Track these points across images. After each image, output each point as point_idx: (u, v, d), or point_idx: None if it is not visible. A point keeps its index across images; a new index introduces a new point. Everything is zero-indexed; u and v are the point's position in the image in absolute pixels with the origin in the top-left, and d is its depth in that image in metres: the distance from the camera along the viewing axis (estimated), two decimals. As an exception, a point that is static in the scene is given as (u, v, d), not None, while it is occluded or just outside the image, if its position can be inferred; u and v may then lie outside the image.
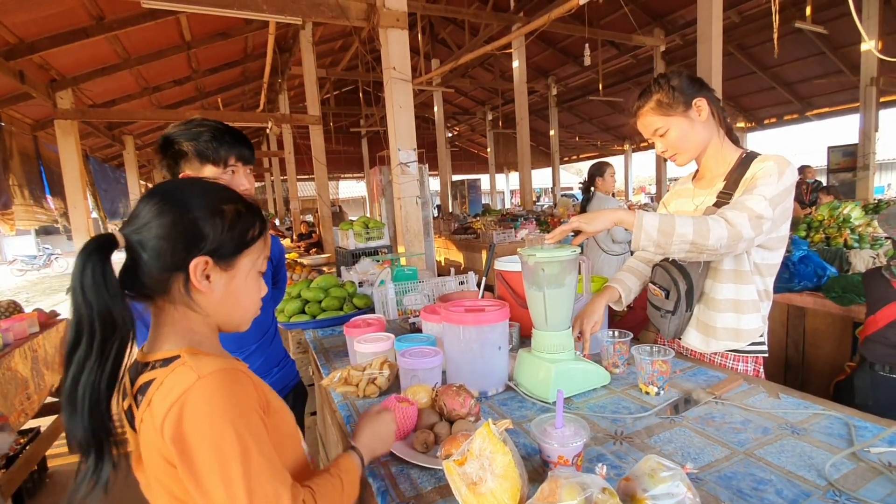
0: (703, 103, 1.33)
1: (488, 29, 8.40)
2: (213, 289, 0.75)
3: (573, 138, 17.83)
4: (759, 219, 1.17)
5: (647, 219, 1.15)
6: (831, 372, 2.35)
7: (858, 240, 2.83)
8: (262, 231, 0.82)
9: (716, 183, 1.37)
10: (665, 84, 1.32)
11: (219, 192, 0.79)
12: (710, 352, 1.41)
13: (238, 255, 0.77)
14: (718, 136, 1.38)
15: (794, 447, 0.94)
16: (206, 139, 1.33)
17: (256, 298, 0.83)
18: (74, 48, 5.50)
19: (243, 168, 1.41)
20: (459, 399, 1.03)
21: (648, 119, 1.36)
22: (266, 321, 1.57)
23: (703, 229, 1.15)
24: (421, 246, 3.79)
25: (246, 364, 0.78)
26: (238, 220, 0.77)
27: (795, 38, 8.74)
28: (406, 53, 3.69)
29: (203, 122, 1.37)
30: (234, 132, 1.39)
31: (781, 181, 1.20)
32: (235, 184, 1.35)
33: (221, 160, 1.35)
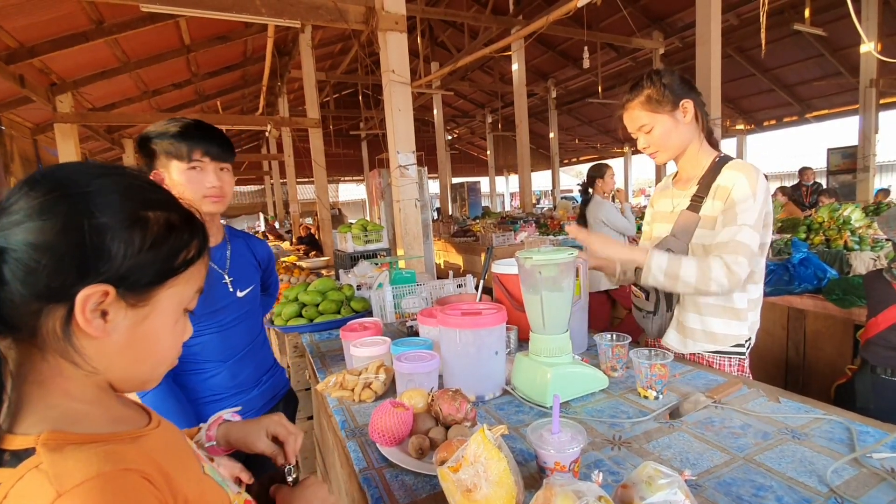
0: (690, 105, 1.36)
1: (487, 32, 8.41)
2: (110, 332, 0.51)
3: (573, 141, 17.85)
4: (753, 254, 1.25)
5: (656, 261, 1.25)
6: (832, 375, 2.33)
7: (859, 242, 2.82)
8: (200, 253, 0.58)
9: (691, 185, 1.41)
10: (657, 80, 1.35)
11: (143, 189, 0.55)
12: (687, 352, 1.45)
13: (158, 285, 0.54)
14: (699, 139, 1.42)
15: (795, 452, 0.92)
16: (173, 133, 1.26)
17: (178, 346, 0.60)
18: (74, 52, 5.51)
19: (213, 164, 1.30)
20: (455, 404, 1.02)
21: (636, 113, 1.39)
22: (255, 328, 1.51)
23: (705, 276, 1.23)
24: (420, 249, 3.78)
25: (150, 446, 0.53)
26: (166, 236, 0.54)
27: (794, 41, 8.75)
28: (405, 56, 3.69)
29: (179, 119, 1.30)
30: (204, 127, 1.30)
31: (757, 200, 1.26)
32: (202, 181, 1.27)
33: (185, 155, 1.26)
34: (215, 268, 1.38)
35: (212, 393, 1.34)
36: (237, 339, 1.41)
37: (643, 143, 1.41)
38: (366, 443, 1.04)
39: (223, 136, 1.33)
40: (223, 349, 1.37)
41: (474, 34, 9.03)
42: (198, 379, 1.33)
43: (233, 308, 1.39)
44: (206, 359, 1.34)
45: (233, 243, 1.46)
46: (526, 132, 9.30)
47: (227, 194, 1.35)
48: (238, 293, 1.41)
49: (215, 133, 1.31)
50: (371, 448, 1.01)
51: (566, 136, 17.21)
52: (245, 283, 1.44)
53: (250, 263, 1.49)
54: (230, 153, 1.34)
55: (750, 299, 1.37)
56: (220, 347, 1.36)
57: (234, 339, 1.40)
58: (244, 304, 1.43)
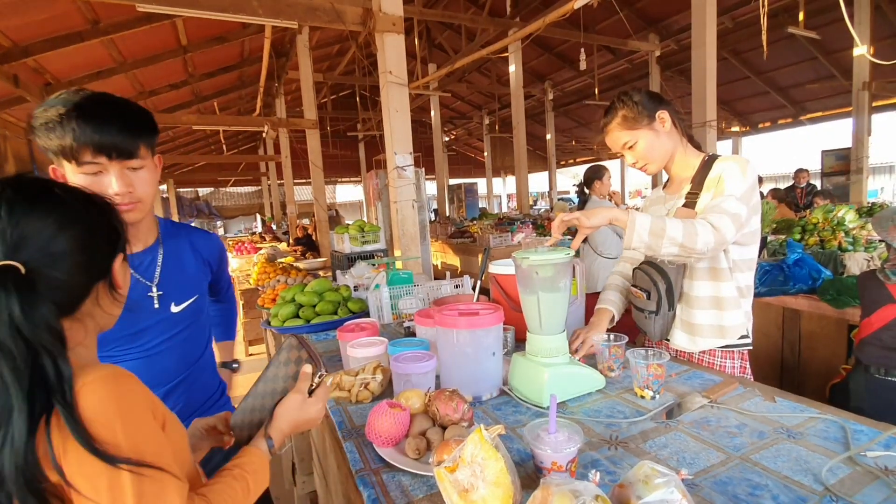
0: (666, 115, 1.41)
1: (485, 34, 8.43)
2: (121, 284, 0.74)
3: (570, 142, 17.89)
4: (738, 217, 1.25)
5: (640, 220, 1.20)
6: (827, 374, 2.35)
7: (853, 242, 2.84)
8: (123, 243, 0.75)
9: (684, 187, 1.45)
10: (628, 100, 1.40)
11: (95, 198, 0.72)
12: (697, 350, 1.45)
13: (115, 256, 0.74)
14: (682, 144, 1.46)
15: (790, 451, 0.93)
16: (47, 123, 0.92)
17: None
18: (69, 52, 5.49)
19: (115, 165, 0.97)
20: (452, 404, 1.02)
21: (616, 134, 1.43)
22: (196, 349, 1.24)
23: (691, 233, 1.20)
24: (417, 250, 3.78)
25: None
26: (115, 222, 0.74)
27: (788, 44, 8.80)
28: (402, 58, 3.70)
29: (59, 96, 0.95)
30: (91, 109, 0.93)
31: (746, 179, 1.29)
32: (103, 187, 0.97)
33: (71, 154, 0.93)
34: (139, 278, 1.12)
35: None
36: (168, 364, 1.15)
37: (631, 159, 1.46)
38: (363, 444, 1.04)
39: (129, 116, 0.99)
40: (149, 377, 1.09)
41: (471, 36, 9.04)
42: None
43: (161, 328, 1.14)
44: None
45: (167, 245, 1.19)
46: (523, 134, 9.32)
47: (146, 197, 1.04)
48: (172, 308, 1.16)
49: (113, 116, 0.96)
50: (368, 449, 1.01)
51: (563, 137, 17.25)
52: (182, 294, 1.18)
53: (193, 267, 1.23)
54: (142, 140, 1.00)
55: (742, 287, 1.39)
56: (145, 376, 0.99)
57: (163, 363, 1.14)
58: (179, 323, 1.17)
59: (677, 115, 1.44)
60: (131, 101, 1.04)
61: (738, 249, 1.37)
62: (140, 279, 1.13)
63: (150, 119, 1.05)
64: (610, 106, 1.44)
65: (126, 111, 1.00)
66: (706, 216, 1.25)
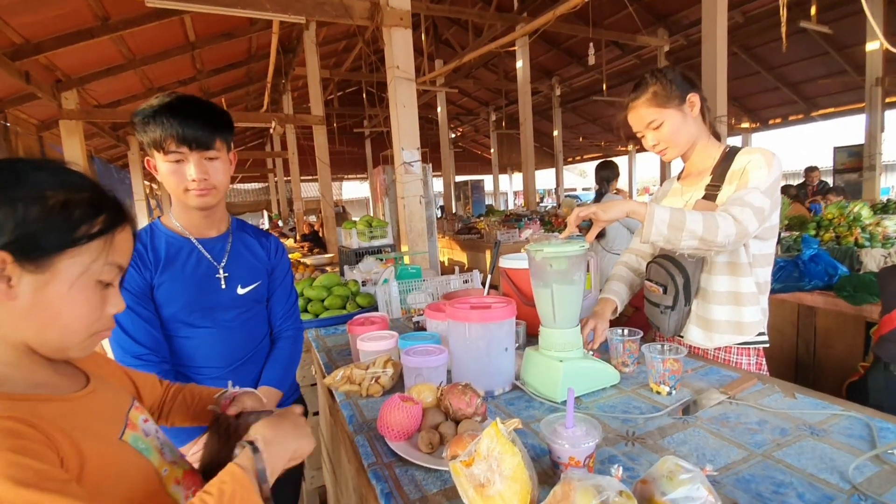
0: (696, 98, 1.36)
1: (492, 29, 8.38)
2: (14, 296, 0.58)
3: (577, 139, 17.78)
4: (761, 211, 1.21)
5: (659, 212, 1.16)
6: (843, 372, 2.30)
7: (869, 238, 2.79)
8: (106, 229, 0.64)
9: (703, 178, 1.39)
10: (662, 77, 1.35)
11: (51, 173, 0.62)
12: (713, 347, 1.41)
13: (55, 254, 0.60)
14: (706, 134, 1.41)
15: (815, 449, 0.90)
16: (143, 118, 1.10)
17: (90, 315, 0.64)
18: (80, 49, 5.51)
19: (195, 154, 1.13)
20: (465, 398, 1.00)
21: (642, 111, 1.37)
22: (259, 333, 1.36)
23: (712, 225, 1.16)
24: (425, 245, 3.76)
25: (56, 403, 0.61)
26: (63, 210, 0.60)
27: (800, 39, 8.67)
28: (410, 52, 3.67)
29: (160, 96, 1.13)
30: (179, 108, 1.11)
31: (771, 172, 1.25)
32: (182, 174, 1.14)
33: (160, 144, 1.11)
34: (210, 260, 1.27)
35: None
36: (237, 339, 1.30)
37: (652, 140, 1.39)
38: (374, 437, 1.02)
39: (209, 114, 1.15)
40: (222, 351, 1.27)
41: (479, 32, 9.00)
42: (199, 378, 1.26)
43: (231, 305, 1.28)
44: (204, 362, 1.26)
45: (236, 236, 1.34)
46: (530, 130, 9.25)
47: (219, 185, 1.20)
48: (239, 290, 1.29)
49: (195, 114, 1.13)
50: (380, 443, 1.00)
51: (570, 134, 17.14)
52: (247, 280, 1.31)
53: (256, 257, 1.36)
54: (218, 135, 1.16)
55: (761, 282, 1.35)
56: (219, 349, 1.26)
57: (234, 338, 1.29)
58: (246, 303, 1.31)
59: (705, 103, 1.39)
60: (213, 102, 1.21)
61: (758, 244, 1.33)
62: (212, 261, 1.27)
63: (228, 118, 1.21)
64: (640, 81, 1.37)
65: (206, 109, 1.16)
66: (728, 208, 1.20)
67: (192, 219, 1.26)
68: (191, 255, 1.24)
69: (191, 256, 1.24)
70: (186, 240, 1.25)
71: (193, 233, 1.26)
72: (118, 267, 0.67)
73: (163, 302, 1.20)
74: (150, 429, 0.77)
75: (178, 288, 1.20)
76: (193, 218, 1.25)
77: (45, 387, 0.63)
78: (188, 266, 1.23)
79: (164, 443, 0.79)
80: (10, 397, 0.58)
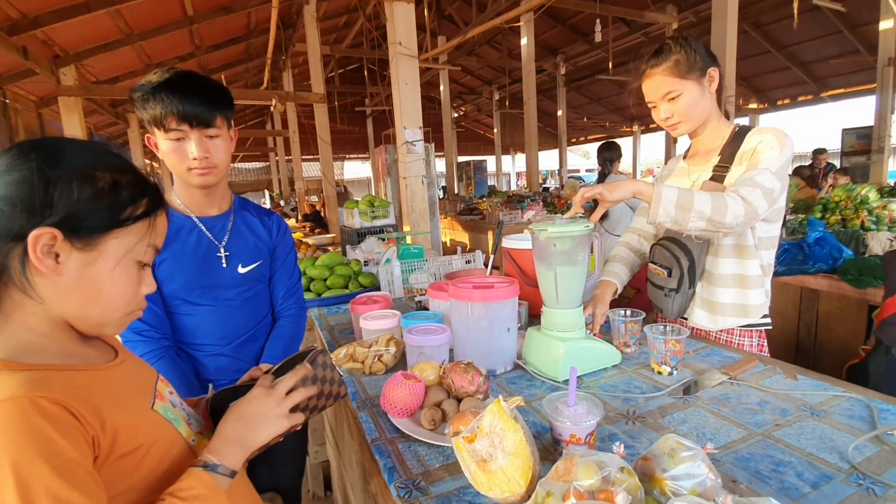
0: (716, 74, 1.32)
1: (496, 4, 8.19)
2: (61, 272, 0.60)
3: (581, 119, 17.58)
4: (770, 193, 1.18)
5: (666, 193, 1.14)
6: (844, 355, 2.31)
7: (876, 221, 2.77)
8: (150, 212, 0.67)
9: (711, 158, 1.36)
10: (686, 45, 1.29)
11: (98, 154, 0.64)
12: (717, 329, 1.40)
13: (103, 233, 0.62)
14: (718, 112, 1.38)
15: (814, 429, 0.91)
16: (142, 95, 1.08)
17: (129, 294, 0.67)
18: (77, 23, 5.43)
19: (195, 132, 1.11)
20: (468, 377, 1.00)
21: (660, 79, 1.30)
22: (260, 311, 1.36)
23: (720, 206, 1.14)
24: (426, 226, 3.75)
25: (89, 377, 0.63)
26: (112, 191, 0.62)
27: (812, 17, 8.49)
28: (412, 28, 3.60)
29: (159, 72, 1.11)
30: (179, 84, 1.09)
31: (783, 153, 1.22)
32: (184, 152, 1.13)
33: (160, 122, 1.09)
34: (211, 238, 1.26)
35: (217, 374, 1.28)
36: (238, 318, 1.30)
37: (665, 112, 1.33)
38: (377, 413, 1.03)
39: (209, 91, 1.13)
40: (223, 329, 1.27)
41: (482, 7, 8.80)
42: (200, 355, 1.28)
43: (232, 284, 1.28)
44: (205, 339, 1.27)
45: (238, 215, 1.33)
46: (534, 110, 9.14)
47: (220, 163, 1.19)
48: (240, 269, 1.29)
49: (195, 90, 1.10)
50: (383, 419, 1.01)
51: (574, 114, 16.94)
52: (248, 259, 1.31)
53: (258, 237, 1.35)
54: (219, 112, 1.14)
55: (766, 265, 1.34)
56: (220, 327, 1.27)
57: (234, 317, 1.29)
58: (247, 282, 1.31)
59: (722, 79, 1.35)
60: (212, 78, 1.18)
61: (764, 226, 1.32)
62: (212, 240, 1.27)
63: (228, 94, 1.19)
64: (660, 47, 1.31)
65: (207, 86, 1.14)
66: (737, 189, 1.18)
67: (193, 197, 1.25)
68: (191, 233, 1.24)
69: (191, 234, 1.23)
70: (188, 218, 1.24)
71: (195, 211, 1.25)
72: (155, 248, 0.70)
73: (163, 279, 1.20)
74: (175, 400, 0.79)
75: (178, 266, 1.20)
76: (195, 196, 1.25)
77: (77, 356, 0.65)
78: (188, 244, 1.22)
79: (189, 414, 0.81)
80: (46, 368, 0.59)
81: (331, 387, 0.87)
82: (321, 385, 0.85)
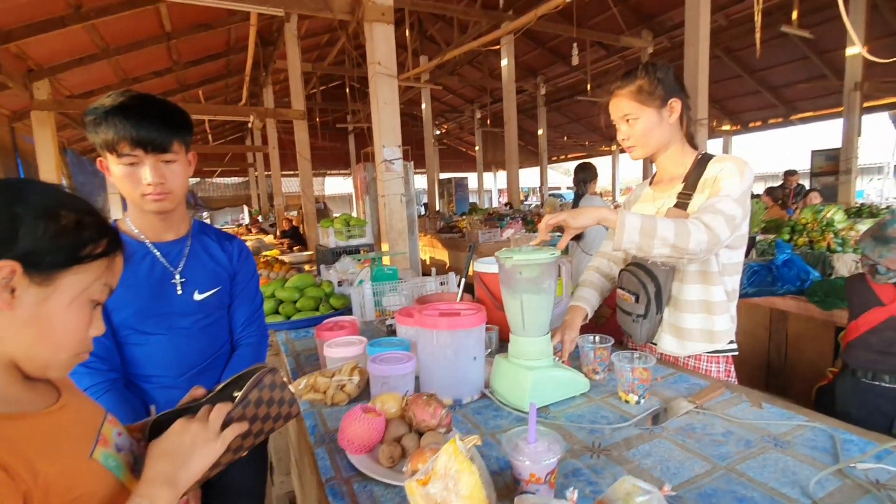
0: (678, 105, 1.34)
1: (477, 26, 8.34)
2: (15, 306, 0.60)
3: (561, 138, 17.87)
4: (732, 220, 1.20)
5: (630, 219, 1.14)
6: (813, 376, 2.34)
7: (842, 244, 2.84)
8: (108, 252, 0.67)
9: (675, 185, 1.38)
10: (652, 73, 1.32)
11: (63, 196, 0.66)
12: (685, 355, 1.40)
13: (62, 269, 0.62)
14: (680, 140, 1.40)
15: (777, 462, 0.90)
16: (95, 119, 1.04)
17: (79, 333, 0.66)
18: (52, 37, 5.34)
19: (150, 158, 1.07)
20: (430, 409, 0.97)
21: (623, 102, 1.35)
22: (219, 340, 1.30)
23: (684, 233, 1.15)
24: (405, 244, 3.73)
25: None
26: (75, 230, 0.64)
27: (781, 43, 8.82)
28: (392, 49, 3.62)
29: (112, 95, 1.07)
30: (134, 108, 1.04)
31: (744, 181, 1.25)
32: (138, 178, 1.08)
33: (113, 146, 1.05)
34: (165, 264, 1.21)
35: (169, 408, 1.21)
36: (194, 347, 1.24)
37: (623, 133, 1.38)
38: (335, 449, 0.99)
39: (166, 115, 1.10)
40: (176, 359, 1.21)
41: (464, 28, 8.95)
42: (150, 387, 1.20)
43: (187, 311, 1.23)
44: (156, 370, 1.20)
45: (196, 239, 1.28)
46: (514, 128, 9.27)
47: (176, 189, 1.14)
48: (196, 295, 1.24)
49: (151, 114, 1.07)
50: (340, 456, 0.96)
51: (554, 133, 17.22)
52: (205, 285, 1.25)
53: (215, 264, 1.29)
54: (176, 137, 1.11)
55: (730, 290, 1.35)
56: (173, 357, 1.20)
57: (190, 346, 1.23)
58: (204, 309, 1.25)
59: (688, 111, 1.37)
60: (170, 101, 1.15)
61: (727, 253, 1.33)
62: (167, 266, 1.22)
63: (186, 118, 1.16)
64: (630, 71, 1.35)
65: (163, 110, 1.11)
66: (700, 216, 1.19)
67: (148, 222, 1.20)
68: (144, 258, 1.19)
69: (144, 260, 1.18)
70: (141, 244, 1.19)
71: (149, 236, 1.20)
72: (110, 288, 0.70)
73: (112, 308, 1.14)
74: (123, 443, 0.75)
75: (129, 293, 1.14)
76: (150, 221, 1.20)
77: (15, 403, 0.63)
78: (141, 270, 1.17)
79: (138, 457, 0.76)
80: None
81: (279, 408, 0.83)
82: (268, 407, 0.81)
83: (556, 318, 1.36)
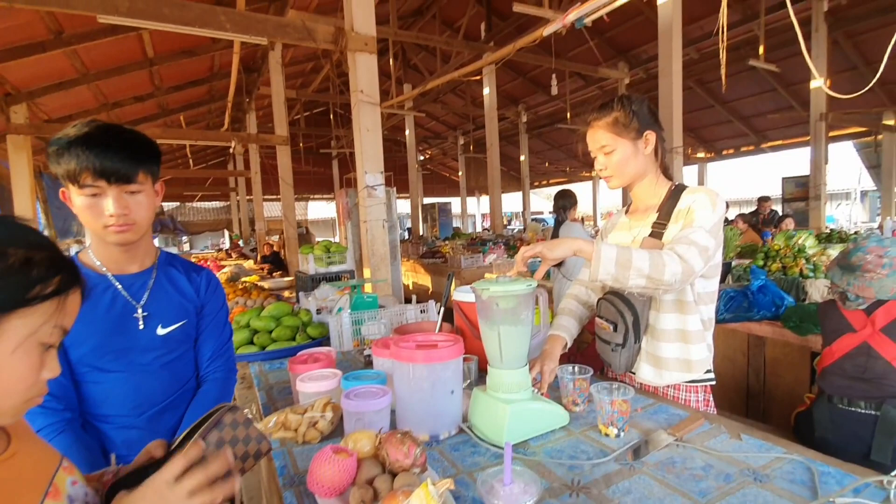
0: (653, 137, 1.37)
1: (459, 57, 8.53)
2: None
3: (543, 164, 18.18)
4: (705, 250, 1.22)
5: (605, 251, 1.14)
6: (791, 401, 2.35)
7: (813, 269, 2.90)
8: (60, 290, 0.62)
9: (650, 214, 1.41)
10: (627, 106, 1.35)
11: (12, 230, 0.61)
12: (663, 384, 1.40)
13: (6, 313, 0.57)
14: (655, 171, 1.42)
15: (757, 497, 0.89)
16: (57, 150, 1.02)
17: (29, 379, 0.60)
18: (31, 62, 5.30)
19: (113, 189, 1.05)
20: (403, 448, 0.94)
21: (600, 133, 1.38)
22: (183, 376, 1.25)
23: (658, 264, 1.16)
24: (387, 270, 3.70)
25: None
26: (22, 269, 0.57)
27: (750, 75, 9.20)
28: (374, 78, 3.67)
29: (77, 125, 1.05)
30: (96, 137, 1.03)
31: (716, 212, 1.28)
32: (100, 209, 1.05)
33: (75, 177, 1.03)
34: (127, 298, 1.16)
35: (127, 449, 1.13)
36: (156, 384, 1.19)
37: (600, 164, 1.40)
38: (303, 493, 0.95)
39: (131, 145, 1.08)
40: (135, 397, 1.16)
41: (446, 58, 9.14)
42: (107, 427, 1.14)
43: (149, 347, 1.18)
44: (114, 409, 1.14)
45: (161, 271, 1.24)
46: (496, 155, 9.39)
47: (141, 220, 1.11)
48: (159, 330, 1.19)
49: (115, 145, 1.05)
50: (310, 500, 0.92)
51: (536, 159, 17.51)
52: (169, 319, 1.21)
53: (181, 297, 1.25)
54: (142, 167, 1.08)
55: (706, 319, 1.36)
56: (132, 394, 1.15)
57: (151, 383, 1.18)
58: (167, 344, 1.20)
59: (662, 143, 1.41)
60: (137, 130, 1.13)
61: (702, 282, 1.34)
62: (129, 299, 1.17)
63: (153, 148, 1.14)
64: (606, 103, 1.38)
65: (130, 140, 1.08)
66: (674, 247, 1.21)
67: (111, 254, 1.16)
68: (105, 292, 1.14)
69: (105, 294, 1.14)
70: (102, 276, 1.15)
71: (112, 269, 1.16)
72: (63, 330, 0.64)
73: (70, 344, 1.09)
74: (77, 493, 0.69)
75: (88, 329, 1.09)
76: (112, 253, 1.16)
77: None
78: (101, 305, 1.12)
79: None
80: None
81: (246, 446, 0.78)
82: (232, 447, 0.76)
83: (534, 349, 1.35)
